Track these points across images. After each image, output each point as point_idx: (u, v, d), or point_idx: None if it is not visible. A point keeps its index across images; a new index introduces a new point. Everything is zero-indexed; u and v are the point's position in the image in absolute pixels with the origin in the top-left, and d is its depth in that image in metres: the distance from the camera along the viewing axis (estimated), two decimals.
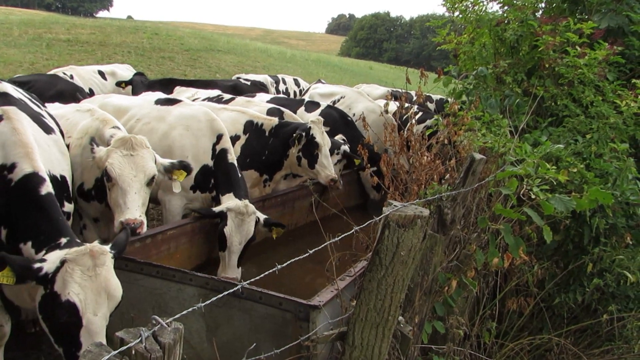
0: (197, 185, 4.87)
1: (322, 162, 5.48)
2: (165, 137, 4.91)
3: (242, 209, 4.39)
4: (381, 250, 2.56)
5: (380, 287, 2.59)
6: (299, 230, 5.95)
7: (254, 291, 3.11)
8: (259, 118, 5.70)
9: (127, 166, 3.65)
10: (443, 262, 3.58)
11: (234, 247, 4.35)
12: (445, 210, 3.47)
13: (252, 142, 5.60)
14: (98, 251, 2.68)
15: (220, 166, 4.77)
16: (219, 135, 4.86)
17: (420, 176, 4.23)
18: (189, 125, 4.92)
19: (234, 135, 5.61)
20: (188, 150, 4.81)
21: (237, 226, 4.37)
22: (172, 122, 4.98)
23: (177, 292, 3.38)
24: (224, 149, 4.82)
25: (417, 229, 2.56)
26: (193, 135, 4.87)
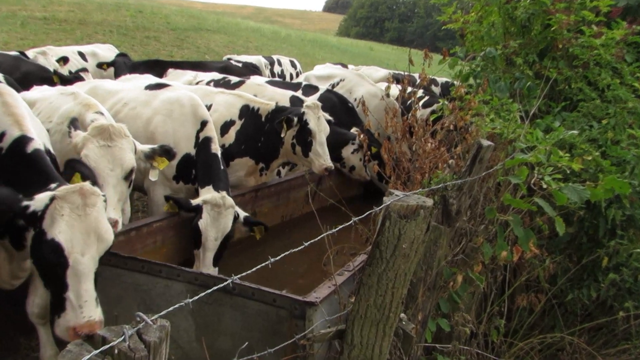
0: (179, 175, 4.87)
1: (317, 150, 5.46)
2: (148, 123, 4.92)
3: (219, 200, 4.36)
4: (382, 243, 2.57)
5: (381, 282, 2.60)
6: (294, 222, 5.95)
7: (245, 287, 3.11)
8: (256, 102, 5.69)
9: (104, 158, 3.60)
10: (448, 256, 3.59)
11: (209, 243, 4.32)
12: (451, 201, 3.47)
13: (248, 128, 5.59)
14: (89, 190, 2.74)
15: (202, 156, 4.76)
16: (203, 122, 4.85)
17: (423, 164, 4.23)
18: (172, 110, 4.91)
19: (228, 120, 5.60)
20: (170, 137, 4.80)
21: (213, 220, 4.34)
22: (156, 107, 4.97)
23: (164, 289, 3.38)
24: (208, 137, 4.80)
25: (420, 220, 2.56)
26: (175, 121, 4.87)
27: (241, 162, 5.61)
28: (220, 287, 2.20)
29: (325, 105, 6.47)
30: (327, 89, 7.47)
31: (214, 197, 4.38)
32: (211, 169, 4.68)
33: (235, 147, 5.56)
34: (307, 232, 5.55)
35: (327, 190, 5.85)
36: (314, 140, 5.46)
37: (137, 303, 3.47)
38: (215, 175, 4.64)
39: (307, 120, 5.44)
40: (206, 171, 4.68)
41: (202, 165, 4.72)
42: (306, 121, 5.44)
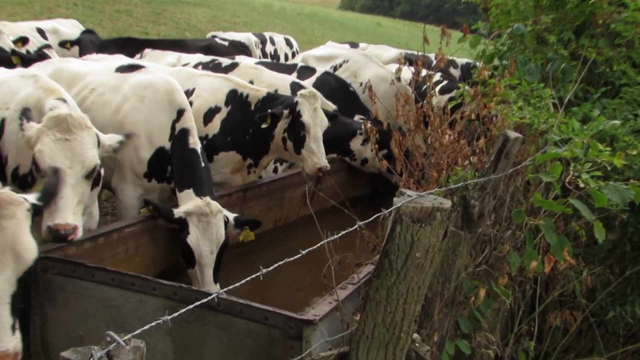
0: (152, 172, 4.88)
1: (310, 146, 5.43)
2: (117, 112, 4.93)
3: (204, 209, 4.35)
4: (391, 251, 2.57)
5: (391, 296, 2.60)
6: (289, 227, 5.96)
7: (233, 302, 3.12)
8: (245, 88, 5.70)
9: (61, 154, 3.56)
10: (469, 267, 3.59)
11: (205, 259, 4.33)
12: (472, 202, 3.48)
13: (235, 117, 5.60)
14: (6, 200, 2.65)
15: (179, 151, 4.76)
16: (180, 110, 4.85)
17: (440, 159, 4.23)
18: (144, 96, 4.92)
19: (213, 107, 5.61)
20: (141, 128, 4.81)
21: (204, 232, 4.34)
22: (126, 93, 4.98)
23: (138, 305, 3.39)
24: (185, 129, 4.80)
25: (436, 224, 2.56)
26: (148, 109, 4.87)
27: (227, 156, 5.61)
28: (204, 302, 2.21)
29: (323, 90, 6.48)
30: (325, 72, 7.48)
31: (198, 205, 4.36)
32: (190, 168, 4.67)
33: (220, 139, 5.57)
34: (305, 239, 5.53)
35: (327, 190, 5.86)
36: (308, 135, 5.43)
37: (106, 321, 3.46)
38: (196, 176, 4.64)
39: (301, 112, 5.42)
40: (184, 170, 4.68)
41: (180, 162, 4.72)
42: (299, 112, 5.42)
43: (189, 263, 4.35)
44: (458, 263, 3.34)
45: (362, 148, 6.79)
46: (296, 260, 2.42)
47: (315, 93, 5.59)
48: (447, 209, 2.60)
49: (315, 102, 5.54)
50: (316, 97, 5.56)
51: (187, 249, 4.32)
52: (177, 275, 4.50)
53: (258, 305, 3.10)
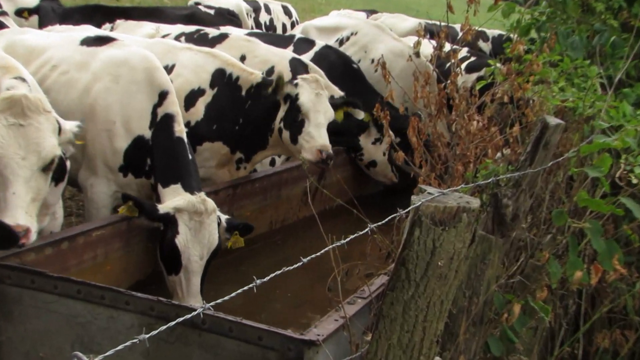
0: (128, 166, 4.90)
1: (309, 132, 5.43)
2: (86, 94, 4.93)
3: (199, 206, 4.37)
4: (409, 259, 2.57)
5: (408, 313, 2.61)
6: (287, 230, 5.97)
7: (221, 319, 3.12)
8: (235, 67, 5.70)
9: (13, 143, 3.55)
10: (501, 278, 3.59)
11: (193, 265, 4.34)
12: (505, 201, 3.48)
13: (222, 101, 5.62)
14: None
15: (162, 140, 4.78)
16: (163, 92, 4.87)
17: (467, 150, 4.23)
18: (119, 75, 4.92)
19: (196, 89, 5.62)
20: (116, 114, 4.83)
21: (195, 233, 4.35)
22: (97, 71, 4.98)
23: (109, 321, 3.40)
24: (169, 114, 4.82)
25: (461, 227, 2.57)
26: (124, 91, 4.88)
27: (212, 148, 5.63)
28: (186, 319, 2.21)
29: (321, 66, 6.47)
30: (325, 45, 7.45)
31: (191, 202, 4.38)
32: (177, 160, 4.69)
33: (204, 127, 5.58)
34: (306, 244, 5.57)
35: (333, 187, 5.86)
36: (307, 121, 5.44)
37: (71, 340, 3.47)
38: (184, 169, 4.66)
39: (299, 95, 5.44)
40: (170, 162, 4.69)
41: (164, 153, 4.74)
42: (297, 95, 5.45)
43: (171, 268, 4.37)
44: (488, 273, 3.35)
45: (372, 147, 6.79)
46: (296, 269, 2.42)
47: (318, 79, 5.62)
48: (474, 209, 2.60)
49: (318, 87, 5.55)
50: (319, 83, 5.57)
51: (172, 252, 4.33)
52: (155, 287, 4.51)
53: (251, 323, 3.11)
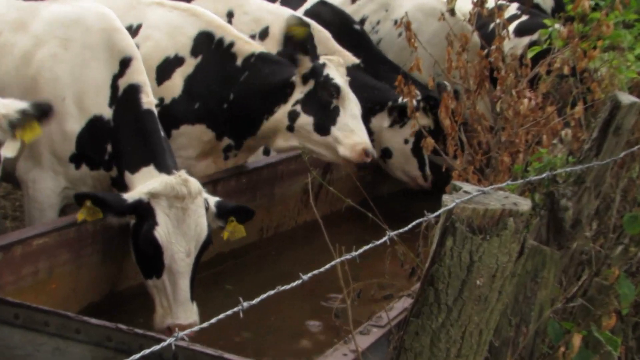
0: (82, 155, 4.89)
1: (347, 123, 5.49)
2: (26, 62, 4.91)
3: (179, 188, 4.37)
4: (439, 277, 2.55)
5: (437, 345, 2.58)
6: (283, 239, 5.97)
7: (197, 353, 3.10)
8: (227, 32, 5.70)
9: None
10: (557, 301, 3.57)
11: (179, 264, 4.34)
12: (563, 203, 3.46)
13: (208, 73, 5.62)
14: None
15: (128, 116, 4.79)
16: (125, 59, 4.87)
17: (515, 137, 4.21)
18: (69, 38, 4.91)
19: (172, 57, 5.62)
20: (66, 88, 4.82)
21: (178, 223, 4.36)
22: (40, 34, 4.96)
23: (54, 355, 3.38)
24: (134, 85, 4.83)
25: (507, 236, 2.54)
26: (75, 59, 4.88)
27: (192, 132, 5.63)
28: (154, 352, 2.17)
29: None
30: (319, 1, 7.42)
31: (169, 183, 4.38)
32: (147, 137, 4.71)
33: (181, 106, 5.59)
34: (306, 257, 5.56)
35: (341, 183, 5.85)
36: (342, 109, 5.49)
37: None
38: (156, 146, 4.68)
39: (331, 75, 5.50)
40: (138, 141, 4.71)
41: (129, 133, 4.75)
42: (328, 76, 5.50)
43: (151, 270, 4.39)
44: (541, 295, 3.32)
45: (386, 131, 6.75)
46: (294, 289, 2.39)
47: (342, 61, 5.70)
48: (524, 212, 2.58)
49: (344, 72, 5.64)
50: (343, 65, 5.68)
51: (151, 249, 4.34)
52: (114, 310, 4.50)
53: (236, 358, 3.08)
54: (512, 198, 2.63)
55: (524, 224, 2.60)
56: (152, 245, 4.32)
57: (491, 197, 2.61)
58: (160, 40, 5.62)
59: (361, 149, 5.45)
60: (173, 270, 4.33)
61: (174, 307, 4.33)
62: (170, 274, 4.34)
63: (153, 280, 4.39)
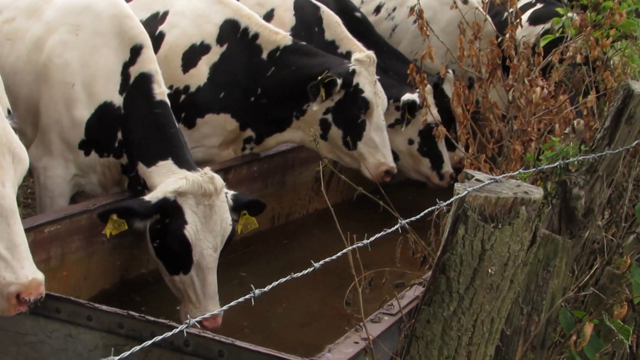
0: (91, 142, 4.90)
1: (371, 138, 5.51)
2: (37, 49, 4.92)
3: (207, 186, 4.37)
4: (451, 266, 2.56)
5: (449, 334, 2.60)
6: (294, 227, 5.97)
7: (208, 340, 3.11)
8: (252, 21, 5.67)
9: None
10: (569, 290, 3.57)
11: (207, 260, 4.37)
12: (575, 191, 3.46)
13: (233, 63, 5.62)
14: None
15: (140, 106, 4.79)
16: (136, 47, 4.87)
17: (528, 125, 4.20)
18: (80, 25, 4.91)
19: (197, 44, 5.63)
20: (75, 74, 4.83)
21: (206, 219, 4.38)
22: (51, 21, 4.97)
23: (66, 341, 3.39)
24: (146, 74, 4.83)
25: (519, 224, 2.55)
26: (85, 46, 4.88)
27: (217, 121, 5.64)
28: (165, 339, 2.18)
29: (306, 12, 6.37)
30: None
31: (197, 181, 4.38)
32: (162, 130, 4.71)
33: (207, 94, 5.60)
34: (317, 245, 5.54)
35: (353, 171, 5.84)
36: (369, 122, 5.50)
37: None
38: (173, 140, 4.68)
39: (360, 85, 5.46)
40: (152, 134, 4.71)
41: (142, 123, 4.76)
42: (357, 86, 5.46)
43: (178, 267, 4.40)
44: (552, 284, 3.33)
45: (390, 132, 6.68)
46: (305, 277, 2.40)
47: (374, 59, 5.63)
48: (536, 201, 2.59)
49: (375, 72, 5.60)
50: (374, 63, 5.61)
51: (180, 247, 4.35)
52: (125, 297, 4.51)
53: (247, 346, 3.08)
54: (524, 187, 2.64)
55: (536, 212, 2.61)
56: (181, 243, 4.34)
57: (503, 185, 2.62)
58: (186, 28, 5.63)
59: (383, 170, 5.55)
60: (202, 266, 4.36)
61: (203, 301, 4.35)
62: (198, 269, 4.36)
63: (180, 276, 4.40)
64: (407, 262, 3.93)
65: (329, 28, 6.41)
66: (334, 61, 5.61)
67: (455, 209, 2.57)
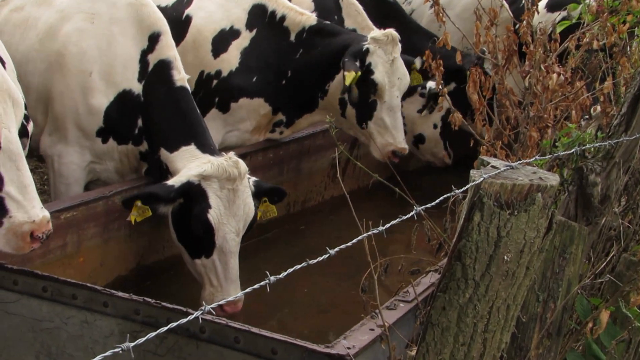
0: (110, 129, 4.91)
1: (382, 118, 5.50)
2: (51, 37, 4.92)
3: (232, 170, 4.39)
4: (466, 252, 2.55)
5: (464, 321, 2.59)
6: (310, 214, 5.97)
7: (224, 327, 3.12)
8: (278, 3, 5.68)
9: None
10: (585, 277, 3.56)
11: (230, 244, 4.41)
12: (592, 178, 3.44)
13: (263, 47, 5.64)
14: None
15: (160, 94, 4.80)
16: (154, 34, 4.88)
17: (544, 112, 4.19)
18: (95, 13, 4.91)
19: (227, 29, 5.63)
20: (92, 62, 4.83)
21: (229, 204, 4.41)
22: (64, 8, 4.98)
23: (82, 327, 3.42)
24: (165, 61, 4.84)
25: (535, 211, 2.54)
26: (102, 33, 4.88)
27: (250, 105, 5.66)
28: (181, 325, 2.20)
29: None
30: None
31: (221, 165, 4.41)
32: (185, 115, 4.73)
33: (240, 78, 5.61)
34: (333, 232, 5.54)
35: (369, 158, 5.84)
36: (379, 102, 5.50)
37: (34, 350, 3.50)
38: (196, 125, 4.71)
39: (372, 66, 5.46)
40: (175, 119, 4.73)
41: (164, 109, 4.78)
42: (369, 67, 5.45)
43: (200, 251, 4.43)
44: (568, 271, 3.32)
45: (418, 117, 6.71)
46: (320, 264, 2.41)
47: (394, 37, 5.58)
48: (552, 187, 2.58)
49: (394, 50, 5.56)
50: (395, 43, 5.58)
51: (204, 230, 4.37)
52: (141, 283, 4.54)
53: (263, 332, 3.10)
54: (540, 173, 2.63)
55: (552, 199, 2.60)
56: (205, 227, 4.36)
57: (519, 172, 2.61)
58: (214, 12, 5.63)
59: (389, 151, 5.51)
60: (225, 250, 4.39)
61: (224, 284, 4.38)
62: (221, 253, 4.39)
63: (202, 260, 4.43)
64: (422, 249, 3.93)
65: (348, 16, 6.41)
66: (356, 38, 5.61)
67: (471, 195, 2.57)
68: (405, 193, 3.65)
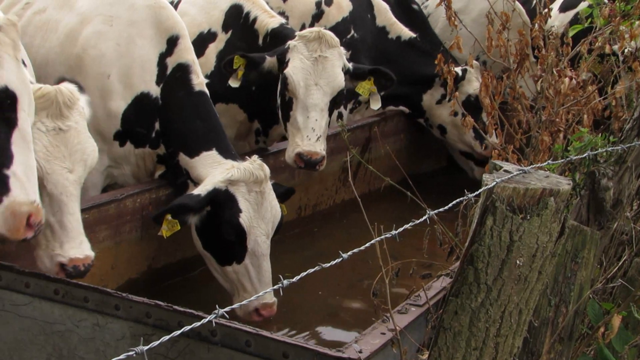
0: (127, 132, 4.91)
1: (296, 119, 5.28)
2: (72, 41, 4.92)
3: (258, 173, 4.40)
4: (479, 257, 2.55)
5: (477, 325, 2.59)
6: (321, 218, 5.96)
7: (236, 330, 3.12)
8: (255, 4, 5.65)
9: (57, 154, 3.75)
10: (597, 281, 3.55)
11: (262, 247, 4.42)
12: (604, 182, 3.44)
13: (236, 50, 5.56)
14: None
15: (178, 98, 4.80)
16: (173, 37, 4.88)
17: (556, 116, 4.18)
18: (114, 15, 4.91)
19: (205, 32, 5.65)
20: (110, 65, 4.83)
21: (258, 207, 4.42)
22: (84, 12, 4.97)
23: (94, 331, 3.42)
24: (183, 65, 4.84)
25: (547, 216, 2.54)
26: (120, 36, 4.88)
27: (227, 111, 5.66)
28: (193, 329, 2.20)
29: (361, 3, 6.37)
30: None
31: (248, 169, 4.41)
32: (205, 120, 4.74)
33: (216, 83, 5.57)
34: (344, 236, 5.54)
35: (381, 162, 5.84)
36: (295, 100, 5.29)
37: (46, 353, 3.50)
38: (216, 130, 4.71)
39: (289, 61, 5.29)
40: (195, 124, 4.73)
41: (182, 114, 4.77)
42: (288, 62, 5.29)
43: (231, 257, 4.43)
44: (581, 275, 3.32)
45: (436, 108, 6.71)
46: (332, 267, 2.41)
47: (322, 35, 5.37)
48: (565, 192, 2.58)
49: (321, 48, 5.34)
50: (323, 41, 5.35)
51: (236, 235, 4.37)
52: (152, 286, 4.53)
53: (274, 336, 3.10)
54: (552, 177, 2.63)
55: (564, 203, 2.60)
56: (237, 231, 4.37)
57: (531, 176, 2.61)
58: (196, 16, 5.64)
59: (295, 154, 5.21)
60: (257, 254, 4.39)
61: (259, 288, 4.34)
62: (253, 257, 4.39)
63: (233, 267, 4.42)
64: (434, 253, 3.93)
65: (379, 14, 6.47)
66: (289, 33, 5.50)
67: (483, 199, 2.57)
68: (417, 197, 3.65)
